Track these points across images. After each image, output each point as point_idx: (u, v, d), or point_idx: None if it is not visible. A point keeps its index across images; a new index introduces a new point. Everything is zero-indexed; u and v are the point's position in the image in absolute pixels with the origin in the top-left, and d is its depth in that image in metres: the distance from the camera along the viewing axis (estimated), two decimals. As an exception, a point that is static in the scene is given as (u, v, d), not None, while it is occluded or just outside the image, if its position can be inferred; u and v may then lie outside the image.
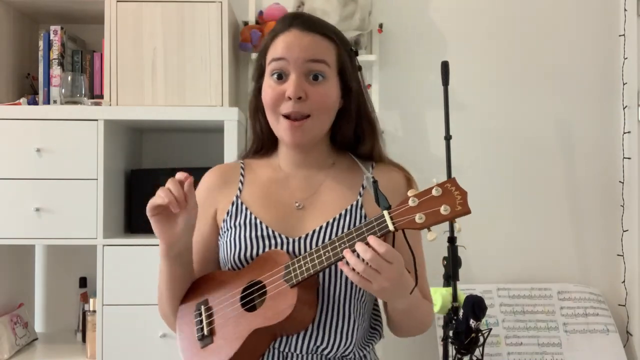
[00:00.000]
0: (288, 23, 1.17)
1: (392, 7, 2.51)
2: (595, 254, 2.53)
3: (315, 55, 1.13)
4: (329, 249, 1.03)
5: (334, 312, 1.12)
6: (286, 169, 1.23)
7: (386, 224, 0.99)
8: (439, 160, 2.27)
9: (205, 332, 1.11)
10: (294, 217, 1.17)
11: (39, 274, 2.42)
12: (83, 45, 2.36)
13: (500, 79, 2.53)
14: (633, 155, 2.47)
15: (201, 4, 2.08)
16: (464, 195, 0.97)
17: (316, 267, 1.03)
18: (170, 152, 2.45)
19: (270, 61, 1.16)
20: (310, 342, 1.11)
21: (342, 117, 1.21)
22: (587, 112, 2.54)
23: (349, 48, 1.22)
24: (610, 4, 2.54)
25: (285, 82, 1.14)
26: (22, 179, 1.98)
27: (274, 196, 1.20)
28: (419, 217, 0.97)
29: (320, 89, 1.14)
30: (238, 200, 1.20)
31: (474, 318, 2.01)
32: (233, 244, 1.16)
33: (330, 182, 1.21)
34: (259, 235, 1.14)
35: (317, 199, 1.19)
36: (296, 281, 1.04)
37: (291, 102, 1.12)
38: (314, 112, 1.14)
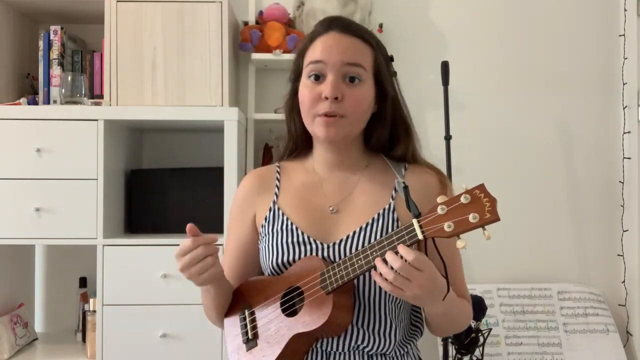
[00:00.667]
0: (327, 25, 1.19)
1: (392, 7, 2.51)
2: (595, 254, 2.53)
3: (352, 59, 1.16)
4: (361, 257, 1.05)
5: (371, 314, 1.15)
6: (320, 171, 1.26)
7: (415, 232, 1.00)
8: (439, 161, 2.26)
9: (250, 336, 1.17)
10: (329, 222, 1.20)
11: (39, 274, 2.42)
12: (83, 45, 2.36)
13: (500, 79, 2.53)
14: (633, 155, 2.47)
15: (201, 4, 2.08)
16: (493, 202, 0.98)
17: (349, 274, 1.06)
18: (170, 152, 2.45)
19: (308, 63, 1.19)
20: (351, 341, 1.14)
21: (376, 121, 1.24)
22: (587, 112, 2.54)
23: (386, 54, 1.24)
24: (610, 4, 2.54)
25: (322, 83, 1.16)
26: (22, 179, 1.98)
27: (309, 201, 1.23)
28: (447, 225, 0.97)
29: (356, 91, 1.16)
30: (275, 206, 1.24)
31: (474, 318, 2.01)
32: (271, 249, 1.20)
33: (364, 184, 1.23)
34: (295, 241, 1.18)
35: (351, 202, 1.21)
36: (331, 288, 1.07)
37: (328, 102, 1.14)
38: (349, 114, 1.16)
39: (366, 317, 1.15)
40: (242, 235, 1.28)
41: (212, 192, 2.11)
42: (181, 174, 2.20)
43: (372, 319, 1.15)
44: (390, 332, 1.16)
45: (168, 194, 2.18)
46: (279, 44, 2.31)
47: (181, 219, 2.14)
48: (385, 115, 1.24)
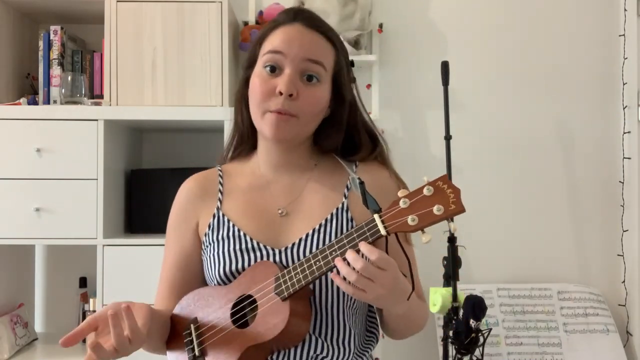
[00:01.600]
0: (292, 16, 1.12)
1: (392, 7, 2.51)
2: (595, 254, 2.53)
3: (314, 55, 1.09)
4: (320, 258, 0.98)
5: (329, 322, 1.08)
6: (266, 173, 1.18)
7: (377, 228, 0.94)
8: (439, 160, 2.27)
9: (197, 353, 1.07)
10: (278, 226, 1.12)
11: (39, 274, 2.42)
12: (83, 45, 2.36)
13: (500, 79, 2.53)
14: (633, 155, 2.47)
15: (201, 4, 2.08)
16: (457, 192, 0.92)
17: (307, 277, 0.98)
18: (170, 152, 2.45)
19: (266, 52, 1.10)
20: (309, 351, 1.06)
21: (329, 124, 1.17)
22: (587, 112, 2.54)
23: (347, 57, 1.18)
24: (610, 4, 2.54)
25: (277, 76, 1.08)
26: (22, 179, 1.98)
27: (256, 204, 1.15)
28: (411, 219, 0.92)
29: (312, 91, 1.09)
30: (219, 212, 1.15)
31: (474, 318, 2.00)
32: (217, 258, 1.11)
33: (314, 185, 1.16)
34: (243, 248, 1.10)
35: (301, 204, 1.14)
36: (287, 294, 0.99)
37: (281, 99, 1.06)
38: (301, 114, 1.09)
39: (323, 325, 1.08)
40: (183, 247, 1.18)
41: (212, 192, 2.11)
42: (181, 174, 2.17)
43: (329, 327, 1.08)
44: (349, 340, 1.10)
45: (168, 194, 2.15)
46: (279, 44, 2.31)
47: (181, 219, 2.15)
48: (340, 119, 1.16)
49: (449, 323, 2.05)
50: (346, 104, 1.16)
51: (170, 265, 1.20)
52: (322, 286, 1.07)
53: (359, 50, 2.32)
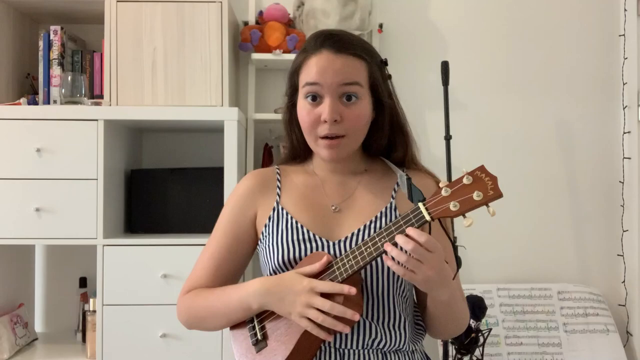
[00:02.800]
0: (319, 44, 1.19)
1: (392, 7, 2.51)
2: (595, 254, 2.53)
3: (348, 79, 1.16)
4: (370, 245, 1.06)
5: (381, 308, 1.15)
6: (321, 173, 1.28)
7: (422, 214, 1.02)
8: (439, 160, 2.27)
9: (259, 337, 1.16)
10: (332, 220, 1.21)
11: (39, 274, 2.42)
12: (83, 45, 2.36)
13: (500, 79, 2.53)
14: (633, 155, 2.47)
15: (201, 4, 2.08)
16: (494, 180, 1.01)
17: (359, 263, 1.07)
18: (170, 152, 2.45)
19: (304, 84, 1.19)
20: (364, 337, 1.14)
21: (374, 128, 1.25)
22: (587, 112, 2.54)
23: (379, 60, 1.24)
24: (610, 4, 2.54)
25: (320, 104, 1.17)
26: (22, 179, 1.98)
27: (311, 200, 1.24)
28: (453, 205, 1.00)
29: (354, 110, 1.17)
30: (279, 206, 1.24)
31: (474, 318, 2.01)
32: (275, 247, 1.19)
33: (364, 187, 1.25)
34: (300, 238, 1.18)
35: (353, 202, 1.23)
36: (341, 279, 1.08)
37: (327, 125, 1.16)
38: (349, 133, 1.18)
39: (376, 311, 1.15)
40: (238, 233, 1.26)
41: (212, 192, 2.11)
42: (181, 174, 2.20)
43: (382, 313, 1.16)
44: (401, 326, 1.17)
45: (168, 194, 2.18)
46: (279, 44, 2.31)
47: (181, 219, 2.15)
48: (382, 123, 1.25)
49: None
50: (386, 109, 1.24)
51: (221, 246, 1.26)
52: (373, 273, 1.15)
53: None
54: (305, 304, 1.06)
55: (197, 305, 1.23)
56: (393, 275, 1.15)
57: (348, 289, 1.04)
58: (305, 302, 1.06)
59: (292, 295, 1.08)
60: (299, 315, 1.07)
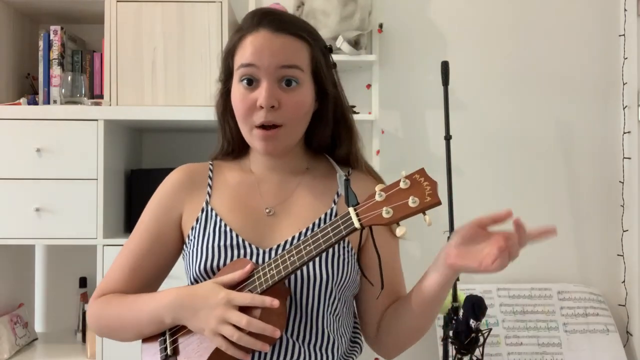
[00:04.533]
0: (256, 22, 1.07)
1: (392, 7, 2.51)
2: (595, 254, 2.53)
3: (287, 61, 1.05)
4: (294, 253, 0.95)
5: (308, 327, 1.04)
6: (257, 171, 1.16)
7: (352, 221, 0.91)
8: (439, 160, 2.27)
9: (169, 352, 1.04)
10: (265, 225, 1.10)
11: (39, 274, 2.42)
12: (83, 45, 2.36)
13: (500, 79, 2.53)
14: (633, 155, 2.47)
15: (201, 4, 2.08)
16: (433, 185, 0.90)
17: (281, 273, 0.96)
18: (170, 152, 2.45)
19: (238, 66, 1.07)
20: (286, 356, 1.02)
21: (317, 120, 1.14)
22: (587, 112, 2.54)
23: (323, 45, 1.13)
24: (610, 4, 2.54)
25: (256, 88, 1.05)
26: (22, 179, 1.98)
27: (244, 201, 1.12)
28: (385, 211, 0.89)
29: (294, 96, 1.06)
30: (208, 207, 1.12)
31: (474, 318, 2.01)
32: (199, 252, 1.08)
33: (304, 189, 1.14)
34: (228, 244, 1.07)
35: (289, 205, 1.12)
36: (261, 290, 0.96)
37: (263, 112, 1.04)
38: (288, 122, 1.06)
39: (302, 329, 1.03)
40: (159, 234, 1.14)
41: (212, 192, 2.11)
42: (181, 174, 2.20)
43: (309, 332, 1.04)
44: (329, 348, 1.05)
45: (168, 194, 2.18)
46: (279, 44, 2.31)
47: (181, 219, 2.15)
48: (326, 114, 1.13)
49: (449, 323, 2.05)
50: (330, 98, 1.13)
51: (140, 247, 1.15)
52: (303, 286, 1.03)
53: (359, 50, 2.31)
54: (220, 318, 0.93)
55: (108, 314, 1.12)
56: (325, 289, 1.03)
57: (270, 301, 0.92)
58: (220, 317, 0.93)
59: (206, 309, 0.95)
60: (212, 332, 0.94)
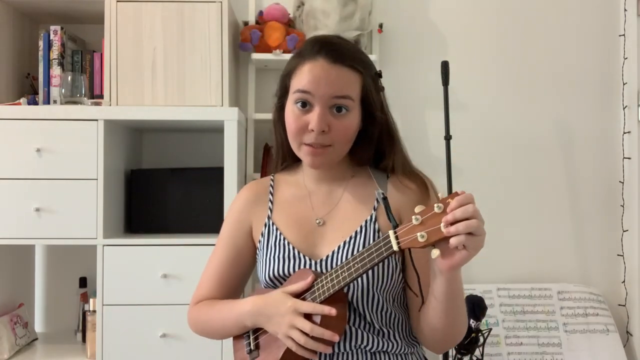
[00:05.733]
0: (317, 50, 1.17)
1: (392, 7, 2.51)
2: (595, 254, 2.53)
3: (340, 92, 1.15)
4: (345, 269, 1.09)
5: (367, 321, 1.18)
6: (309, 184, 1.30)
7: (391, 244, 1.01)
8: (439, 160, 2.27)
9: (252, 347, 1.22)
10: (316, 235, 1.23)
11: (39, 274, 2.42)
12: (83, 45, 2.36)
13: (500, 79, 2.53)
14: (633, 155, 2.47)
15: (201, 4, 2.08)
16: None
17: (335, 286, 1.09)
18: (170, 152, 2.45)
19: (295, 90, 1.18)
20: (352, 341, 1.16)
21: (362, 138, 1.24)
22: (587, 112, 2.54)
23: (374, 72, 1.23)
24: (610, 4, 2.54)
25: (309, 112, 1.17)
26: (22, 179, 1.98)
27: (298, 214, 1.26)
28: (420, 235, 0.96)
29: (343, 122, 1.17)
30: (270, 221, 1.28)
31: (474, 318, 2.01)
32: (267, 262, 1.24)
33: (348, 196, 1.26)
34: (286, 255, 1.22)
35: (336, 213, 1.25)
36: (320, 300, 1.11)
37: (314, 134, 1.16)
38: (335, 143, 1.18)
39: (362, 322, 1.18)
40: (237, 245, 1.32)
41: (212, 192, 2.11)
42: (181, 174, 2.20)
43: (368, 325, 1.18)
44: (389, 337, 1.19)
45: (168, 194, 2.18)
46: (279, 44, 2.31)
47: (181, 219, 2.15)
48: (372, 135, 1.24)
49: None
50: (377, 122, 1.23)
51: (222, 259, 1.32)
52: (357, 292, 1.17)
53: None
54: (289, 324, 1.09)
55: (202, 319, 1.31)
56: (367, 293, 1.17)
57: (328, 309, 1.06)
58: (289, 323, 1.09)
59: (278, 316, 1.12)
60: (284, 336, 1.11)
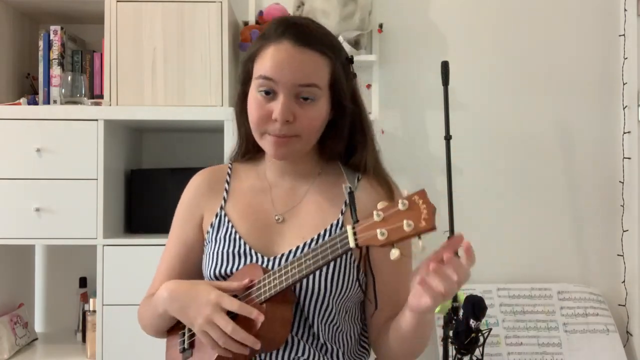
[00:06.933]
0: (281, 32, 1.06)
1: (392, 7, 2.51)
2: (595, 254, 2.53)
3: (306, 79, 1.05)
4: (295, 266, 0.99)
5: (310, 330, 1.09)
6: (271, 177, 1.19)
7: (347, 240, 0.92)
8: (439, 160, 2.27)
9: (186, 345, 1.12)
10: (273, 233, 1.13)
11: (39, 274, 2.42)
12: (83, 45, 2.36)
13: (500, 79, 2.53)
14: (633, 155, 2.47)
15: (201, 4, 2.08)
16: (430, 209, 0.85)
17: (282, 284, 0.99)
18: (170, 152, 2.45)
19: (257, 76, 1.08)
20: (291, 352, 1.07)
21: (332, 130, 1.15)
22: (587, 112, 2.54)
23: (345, 58, 1.13)
24: (610, 4, 2.54)
25: (272, 100, 1.06)
26: (22, 179, 1.98)
27: (255, 208, 1.16)
28: (380, 233, 0.88)
29: (309, 111, 1.07)
30: (222, 212, 1.18)
31: (474, 318, 2.01)
32: (213, 258, 1.14)
33: (313, 194, 1.16)
34: (236, 252, 1.12)
35: (298, 212, 1.14)
36: (264, 298, 1.01)
37: (278, 124, 1.06)
38: (302, 133, 1.08)
39: (305, 333, 1.08)
40: (187, 239, 1.22)
41: (212, 192, 2.11)
42: (181, 174, 2.18)
43: (312, 336, 1.09)
44: (332, 354, 1.10)
45: (168, 194, 2.18)
46: (279, 44, 2.31)
47: (181, 219, 2.14)
48: (342, 126, 1.14)
49: (449, 323, 2.05)
50: (347, 113, 1.13)
51: (172, 255, 1.23)
52: (301, 297, 1.07)
53: (359, 50, 2.32)
54: (207, 319, 0.98)
55: (140, 315, 1.25)
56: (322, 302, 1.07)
57: (256, 314, 0.96)
58: (207, 317, 0.98)
59: (195, 306, 1.01)
60: (199, 329, 1.00)
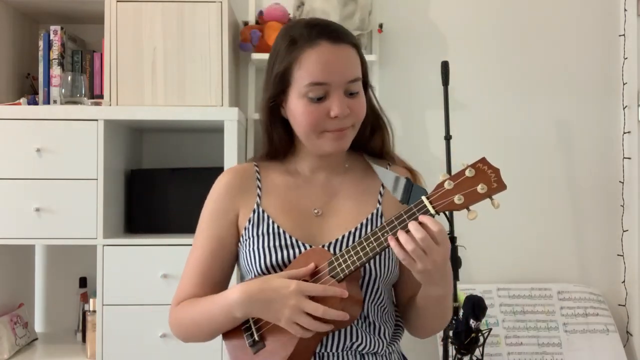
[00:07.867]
0: (315, 35, 1.11)
1: (392, 7, 2.51)
2: (595, 254, 2.53)
3: (352, 75, 1.13)
4: (372, 240, 1.03)
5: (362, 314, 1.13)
6: (305, 173, 1.23)
7: (427, 208, 1.00)
8: (439, 160, 2.27)
9: (256, 338, 1.11)
10: (314, 225, 1.17)
11: (39, 274, 2.42)
12: (83, 45, 2.36)
13: (500, 79, 2.53)
14: (633, 155, 2.47)
15: (201, 4, 2.07)
16: (497, 172, 1.02)
17: (362, 258, 1.03)
18: (170, 152, 2.45)
19: (308, 83, 1.10)
20: (345, 340, 1.11)
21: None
22: (587, 112, 2.54)
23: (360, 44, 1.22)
24: (610, 4, 2.54)
25: (323, 101, 1.11)
26: (22, 179, 1.98)
27: (293, 202, 1.19)
28: (457, 198, 0.99)
29: (357, 101, 1.14)
30: (259, 208, 1.19)
31: (474, 318, 2.01)
32: (258, 252, 1.14)
33: (347, 188, 1.21)
34: (282, 244, 1.14)
35: (336, 206, 1.19)
36: (343, 275, 1.04)
37: (337, 120, 1.11)
38: (355, 123, 1.15)
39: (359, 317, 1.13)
40: (220, 236, 1.20)
41: (212, 192, 2.11)
42: (181, 174, 2.20)
43: (363, 319, 1.14)
44: (379, 333, 1.15)
45: (168, 194, 2.18)
46: (279, 44, 2.31)
47: (181, 219, 2.15)
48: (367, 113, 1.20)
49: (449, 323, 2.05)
50: (370, 96, 1.22)
51: (205, 252, 1.21)
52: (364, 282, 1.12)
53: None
54: (295, 308, 1.00)
55: (185, 320, 1.20)
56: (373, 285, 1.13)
57: (341, 291, 1.01)
58: (295, 307, 1.00)
59: (279, 301, 1.02)
60: (288, 321, 1.02)
